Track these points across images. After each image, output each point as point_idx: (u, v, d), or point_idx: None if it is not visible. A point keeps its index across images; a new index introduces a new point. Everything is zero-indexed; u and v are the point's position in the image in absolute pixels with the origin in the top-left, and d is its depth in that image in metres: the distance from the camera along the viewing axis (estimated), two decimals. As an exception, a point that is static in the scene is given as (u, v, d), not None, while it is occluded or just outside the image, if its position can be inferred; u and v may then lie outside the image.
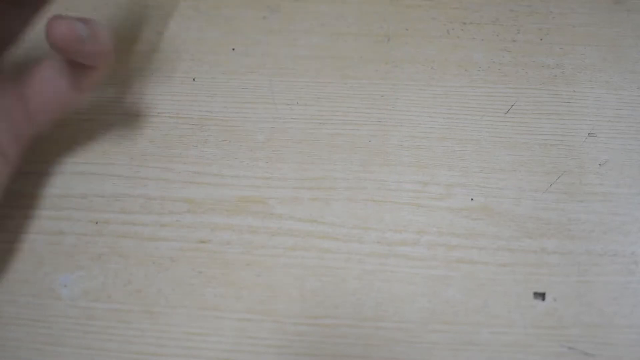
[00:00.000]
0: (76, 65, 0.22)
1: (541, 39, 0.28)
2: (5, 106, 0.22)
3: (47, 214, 0.26)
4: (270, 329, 0.24)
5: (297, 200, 0.26)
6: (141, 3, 0.32)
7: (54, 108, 0.23)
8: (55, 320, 0.23)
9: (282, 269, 0.25)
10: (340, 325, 0.24)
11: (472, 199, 0.26)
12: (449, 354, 0.23)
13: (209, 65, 0.29)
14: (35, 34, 0.24)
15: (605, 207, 0.25)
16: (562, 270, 0.24)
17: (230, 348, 0.23)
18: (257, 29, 0.29)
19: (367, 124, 0.27)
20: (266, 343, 0.23)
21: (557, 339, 0.23)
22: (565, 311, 0.23)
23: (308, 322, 0.24)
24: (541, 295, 0.24)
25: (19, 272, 0.24)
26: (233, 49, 0.30)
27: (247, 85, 0.29)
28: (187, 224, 0.25)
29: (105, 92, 0.29)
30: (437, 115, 0.27)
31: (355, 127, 0.27)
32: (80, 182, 0.26)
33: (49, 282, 0.24)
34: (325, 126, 0.27)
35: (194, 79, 0.29)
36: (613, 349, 0.23)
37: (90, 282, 0.24)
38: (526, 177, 0.26)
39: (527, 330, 0.23)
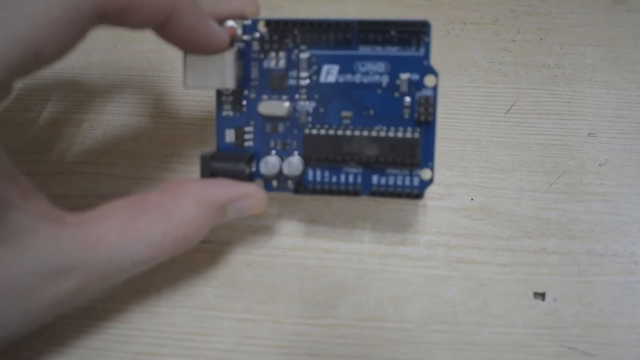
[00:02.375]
0: None
1: (541, 39, 0.28)
2: None
3: (47, 214, 0.26)
4: (270, 329, 0.24)
5: (297, 200, 0.26)
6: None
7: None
8: (56, 320, 0.23)
9: (282, 269, 0.25)
10: (340, 325, 0.24)
11: (472, 199, 0.26)
12: (448, 353, 0.23)
13: (209, 66, 0.29)
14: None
15: (605, 207, 0.25)
16: (562, 270, 0.24)
17: (230, 348, 0.23)
18: (257, 29, 0.29)
19: (367, 124, 0.27)
20: (266, 343, 0.23)
21: (557, 338, 0.23)
22: (565, 311, 0.23)
23: (308, 322, 0.24)
24: (541, 295, 0.24)
25: (19, 272, 0.24)
26: (233, 49, 0.30)
27: (247, 85, 0.29)
28: (187, 224, 0.25)
29: (106, 92, 0.29)
30: (437, 115, 0.27)
31: (355, 127, 0.27)
32: (81, 182, 0.26)
33: (49, 282, 0.24)
34: (325, 126, 0.27)
35: (194, 79, 0.29)
36: (613, 349, 0.23)
37: (90, 282, 0.24)
38: (526, 177, 0.26)
39: (527, 330, 0.23)
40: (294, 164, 0.21)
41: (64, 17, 0.16)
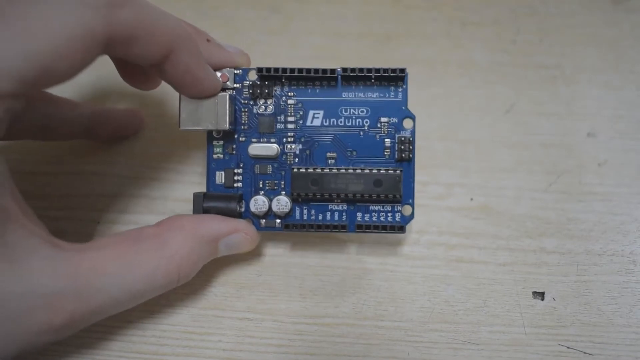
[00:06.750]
0: None
1: (541, 39, 0.28)
2: None
3: (49, 213, 0.26)
4: (270, 328, 0.24)
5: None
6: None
7: None
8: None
9: (282, 268, 0.25)
10: (340, 325, 0.24)
11: (471, 199, 0.26)
12: (448, 352, 0.23)
13: (210, 65, 0.29)
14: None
15: (604, 206, 0.25)
16: (561, 270, 0.24)
17: (230, 347, 0.23)
18: (257, 29, 0.29)
19: (367, 123, 0.27)
20: (266, 342, 0.23)
21: (555, 338, 0.23)
22: (564, 310, 0.24)
23: (308, 321, 0.24)
24: (540, 295, 0.24)
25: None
26: (234, 49, 0.30)
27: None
28: (188, 224, 0.25)
29: (107, 91, 0.29)
30: (437, 115, 0.27)
31: (355, 127, 0.27)
32: (83, 181, 0.26)
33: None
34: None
35: (194, 79, 0.29)
36: (611, 348, 0.23)
37: (91, 281, 0.24)
38: (526, 177, 0.26)
39: (526, 330, 0.23)
40: (283, 201, 0.23)
41: (77, 39, 0.16)
